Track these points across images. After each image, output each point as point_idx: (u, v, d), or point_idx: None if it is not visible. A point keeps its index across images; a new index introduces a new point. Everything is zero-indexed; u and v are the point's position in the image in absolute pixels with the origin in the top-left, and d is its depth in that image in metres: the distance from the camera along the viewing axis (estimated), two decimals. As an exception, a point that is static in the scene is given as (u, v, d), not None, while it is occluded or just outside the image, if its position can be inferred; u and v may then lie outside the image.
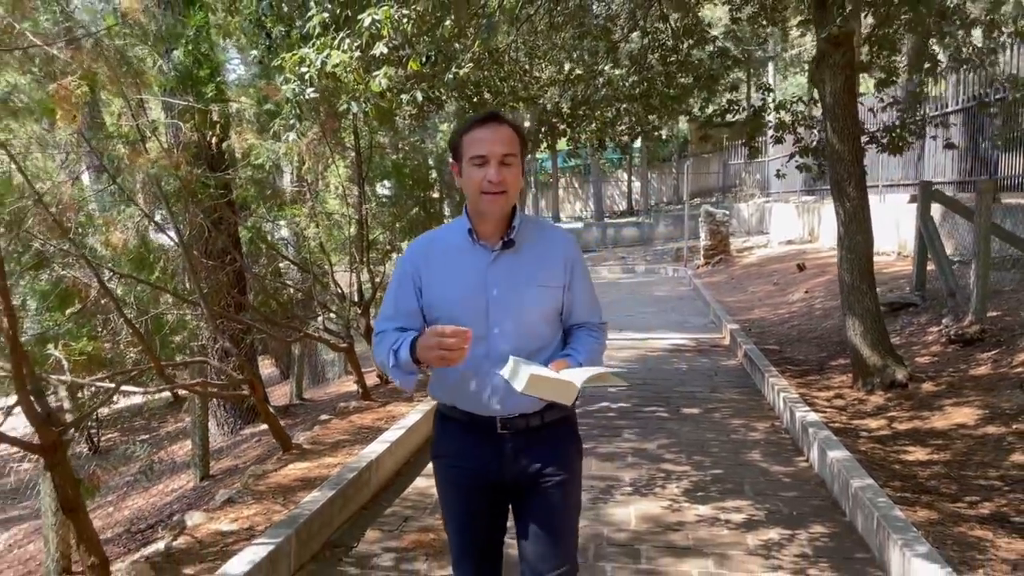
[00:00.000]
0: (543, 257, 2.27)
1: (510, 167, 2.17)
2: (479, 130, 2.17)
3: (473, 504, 2.32)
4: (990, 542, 3.69)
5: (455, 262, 2.25)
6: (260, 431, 7.99)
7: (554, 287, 2.26)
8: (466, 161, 2.17)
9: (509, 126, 2.20)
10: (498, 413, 2.24)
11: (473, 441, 2.29)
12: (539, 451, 2.28)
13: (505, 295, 2.21)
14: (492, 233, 2.25)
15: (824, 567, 3.78)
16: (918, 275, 8.97)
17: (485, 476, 2.29)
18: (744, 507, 4.54)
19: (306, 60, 4.35)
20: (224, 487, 5.47)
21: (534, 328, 2.24)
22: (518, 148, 2.20)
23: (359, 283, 7.38)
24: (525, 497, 2.31)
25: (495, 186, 2.13)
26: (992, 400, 5.71)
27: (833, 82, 6.42)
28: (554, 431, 2.32)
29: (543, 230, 2.34)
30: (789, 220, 19.63)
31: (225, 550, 3.79)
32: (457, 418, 2.30)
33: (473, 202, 2.20)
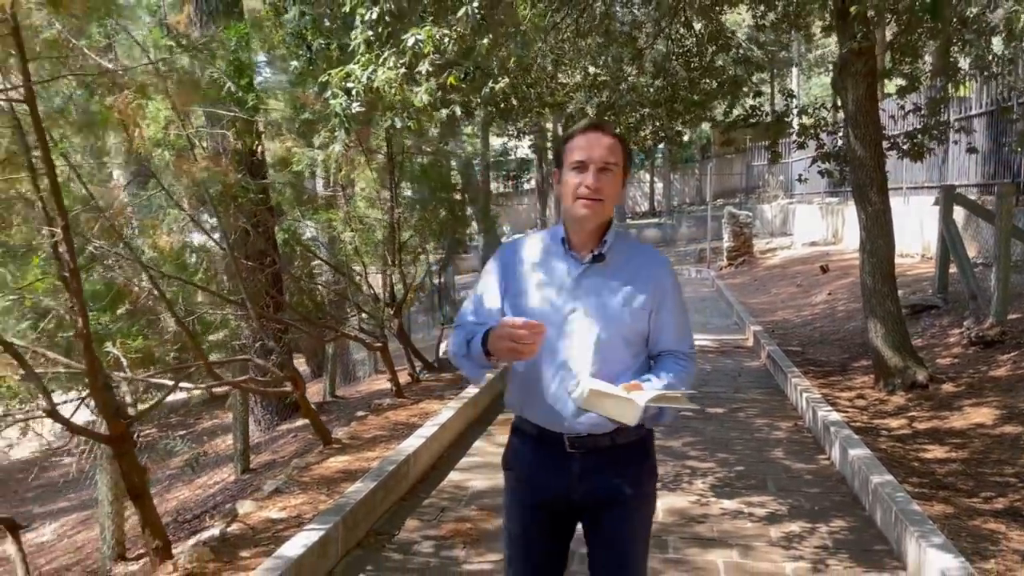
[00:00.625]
0: (633, 277, 2.18)
1: (609, 175, 2.10)
2: (581, 137, 2.14)
3: (535, 522, 2.24)
4: (1003, 535, 3.86)
5: (543, 268, 2.20)
6: (295, 427, 8.26)
7: (639, 309, 2.17)
8: (566, 166, 2.13)
9: (612, 136, 2.14)
10: (566, 431, 2.16)
11: (541, 457, 2.22)
12: (609, 473, 2.19)
13: (587, 310, 2.15)
14: (584, 244, 2.18)
15: (844, 558, 3.96)
16: (940, 278, 9.08)
17: (550, 494, 2.22)
18: (767, 502, 4.73)
19: (351, 75, 4.59)
20: (265, 480, 5.74)
21: (613, 347, 2.14)
22: (620, 158, 2.13)
23: (391, 285, 7.64)
24: (594, 520, 2.23)
25: (592, 192, 2.08)
26: (1011, 401, 5.86)
27: (855, 89, 6.58)
28: (626, 452, 2.22)
29: (637, 249, 2.28)
30: (813, 222, 19.68)
31: (276, 536, 4.04)
32: (528, 431, 2.24)
33: (568, 208, 2.15)
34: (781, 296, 13.53)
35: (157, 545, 3.78)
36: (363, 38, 4.64)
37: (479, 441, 6.08)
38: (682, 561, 3.96)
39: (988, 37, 6.96)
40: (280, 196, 7.55)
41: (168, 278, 5.61)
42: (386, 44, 4.62)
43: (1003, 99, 11.06)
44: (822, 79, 36.70)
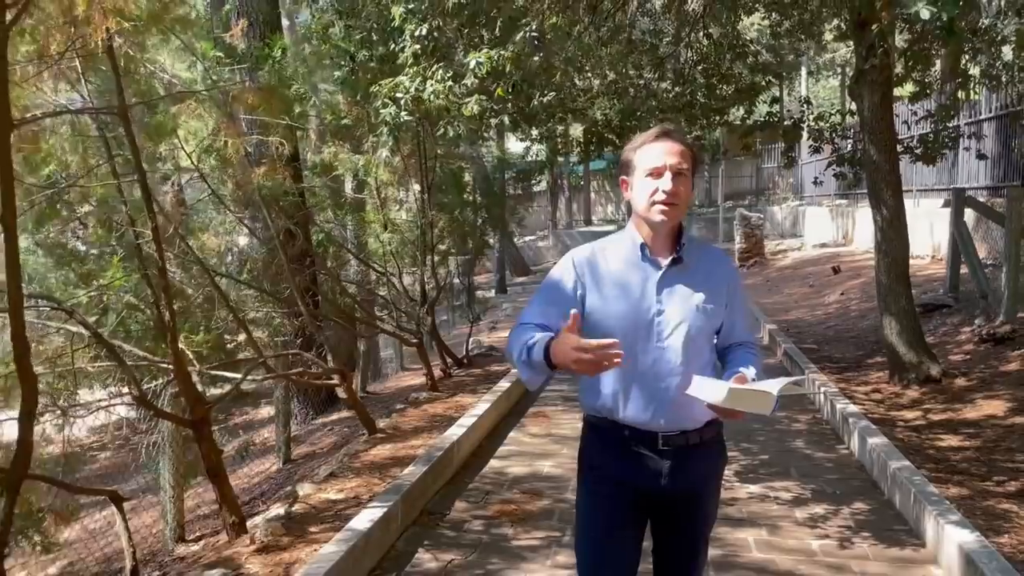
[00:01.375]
0: (708, 276, 2.28)
1: (683, 180, 2.18)
2: (654, 144, 2.20)
3: (622, 521, 2.30)
4: (1015, 513, 4.16)
5: (623, 274, 2.26)
6: (331, 421, 8.59)
7: (717, 306, 2.27)
8: (640, 174, 2.20)
9: (682, 143, 2.22)
10: (661, 429, 2.23)
11: (632, 456, 2.26)
12: (697, 469, 2.29)
13: (673, 311, 2.22)
14: (661, 249, 2.26)
15: (866, 536, 4.26)
16: (951, 278, 9.37)
17: (641, 492, 2.27)
18: (791, 487, 5.03)
19: (400, 86, 4.92)
20: (319, 466, 6.07)
21: (697, 347, 2.24)
22: (691, 163, 2.21)
23: (423, 285, 7.96)
24: (673, 513, 2.32)
25: (669, 196, 2.16)
26: (1021, 394, 6.15)
27: (871, 97, 6.87)
28: (710, 449, 2.32)
29: (707, 250, 2.38)
30: (823, 223, 19.94)
31: (338, 514, 4.36)
32: (614, 432, 2.28)
33: (644, 213, 2.22)
34: (794, 296, 13.81)
35: (234, 521, 4.11)
36: (411, 51, 4.97)
37: (513, 432, 6.39)
38: (715, 538, 4.24)
39: (998, 46, 7.24)
40: (318, 199, 7.88)
41: (223, 277, 5.93)
42: (432, 57, 4.95)
43: (1013, 104, 11.35)
44: (830, 82, 37.00)
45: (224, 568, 3.67)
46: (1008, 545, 3.75)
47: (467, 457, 5.66)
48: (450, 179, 8.24)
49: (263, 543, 3.91)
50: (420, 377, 9.62)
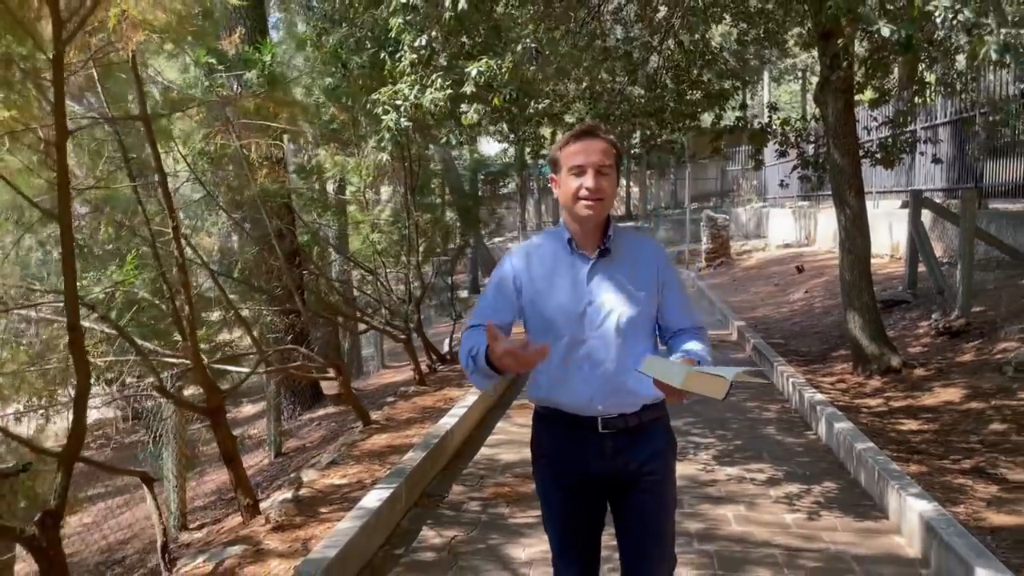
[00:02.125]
0: (636, 265, 2.37)
1: (606, 176, 2.27)
2: (577, 143, 2.28)
3: (575, 501, 2.40)
4: (970, 487, 4.55)
5: (554, 269, 2.35)
6: (317, 416, 8.82)
7: (647, 292, 2.36)
8: (565, 171, 2.29)
9: (605, 140, 2.30)
10: (599, 413, 2.33)
11: (575, 440, 2.37)
12: (638, 449, 2.36)
13: (603, 300, 2.31)
14: (588, 242, 2.36)
15: (835, 510, 4.62)
16: (910, 275, 9.86)
17: (587, 473, 2.37)
18: (765, 469, 5.39)
19: (400, 94, 5.19)
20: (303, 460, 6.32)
21: (632, 331, 2.32)
22: (614, 159, 2.30)
23: (409, 283, 8.23)
24: (625, 495, 2.40)
25: (593, 193, 2.24)
26: (975, 382, 6.59)
27: (835, 104, 7.28)
28: (651, 429, 2.40)
29: (635, 240, 2.46)
30: (786, 224, 20.52)
31: (345, 496, 4.62)
32: (559, 418, 2.38)
33: (570, 210, 2.32)
34: (760, 295, 14.28)
35: (248, 503, 4.35)
36: (409, 60, 5.24)
37: (501, 422, 6.69)
38: (697, 514, 4.60)
39: (952, 56, 7.69)
40: (304, 200, 8.10)
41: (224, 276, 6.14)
42: (429, 66, 5.23)
43: (966, 110, 11.91)
44: (792, 86, 37.83)
45: (245, 544, 3.92)
46: (963, 514, 4.13)
47: (459, 445, 5.94)
48: (432, 181, 8.50)
49: (278, 522, 4.16)
50: (402, 374, 9.89)
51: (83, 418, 2.92)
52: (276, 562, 3.72)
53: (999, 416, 5.79)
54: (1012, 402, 5.99)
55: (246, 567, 3.69)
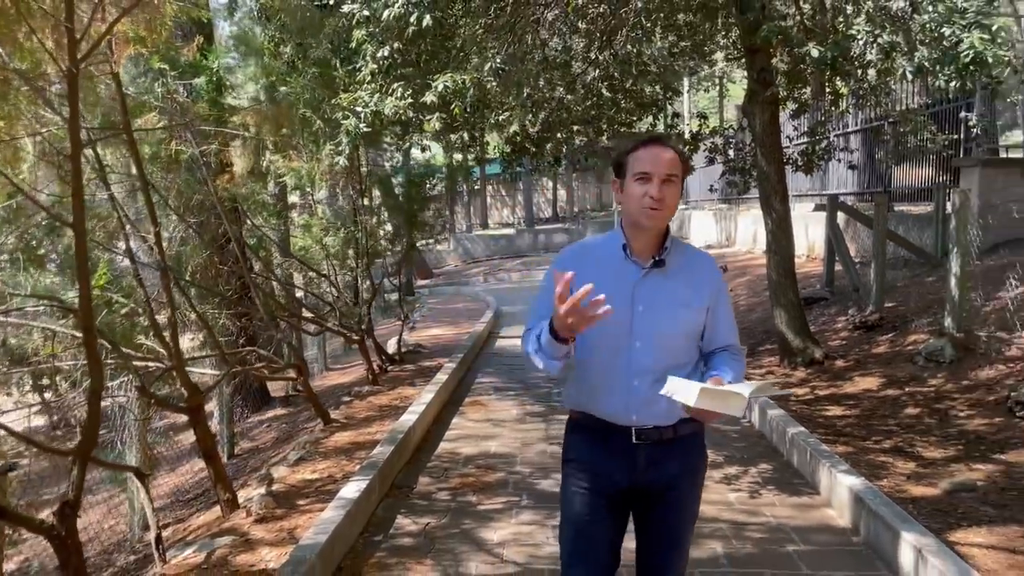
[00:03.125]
0: (690, 279, 2.35)
1: (671, 186, 2.24)
2: (645, 150, 2.26)
3: (599, 509, 2.37)
4: (891, 464, 5.06)
5: (606, 272, 2.30)
6: (267, 418, 8.91)
7: (697, 309, 2.34)
8: (630, 177, 2.26)
9: (673, 150, 2.29)
10: (635, 423, 2.31)
11: (608, 449, 2.36)
12: (671, 463, 2.36)
13: (650, 312, 2.29)
14: (644, 250, 2.33)
15: (772, 488, 5.07)
16: (828, 274, 10.55)
17: (617, 483, 2.36)
18: (710, 455, 5.81)
19: (360, 101, 5.43)
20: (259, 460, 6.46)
21: (674, 346, 2.32)
22: (680, 170, 2.26)
23: (358, 285, 8.41)
24: (651, 506, 2.39)
25: (656, 202, 2.21)
26: (890, 371, 7.20)
27: (762, 115, 7.82)
28: (685, 444, 2.39)
29: (691, 254, 2.44)
30: (708, 226, 21.36)
31: (319, 490, 4.83)
32: (594, 426, 2.37)
33: (632, 216, 2.29)
34: (687, 294, 14.89)
35: (228, 497, 4.52)
36: (369, 70, 5.48)
37: (456, 418, 6.97)
38: (650, 496, 4.98)
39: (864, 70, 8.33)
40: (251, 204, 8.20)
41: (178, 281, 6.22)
42: (390, 76, 5.48)
43: (875, 120, 12.75)
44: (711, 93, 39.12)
45: (232, 535, 4.10)
46: (887, 487, 4.62)
47: (420, 441, 6.20)
48: (380, 185, 8.71)
49: (260, 515, 4.36)
50: (347, 376, 10.05)
51: (97, 415, 3.08)
52: (266, 550, 3.92)
53: (912, 401, 6.38)
54: (923, 389, 6.60)
55: (238, 556, 3.88)
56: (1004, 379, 6.26)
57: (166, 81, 5.72)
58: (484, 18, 6.16)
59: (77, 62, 2.88)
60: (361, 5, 5.04)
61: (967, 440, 5.42)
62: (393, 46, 5.30)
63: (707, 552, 4.16)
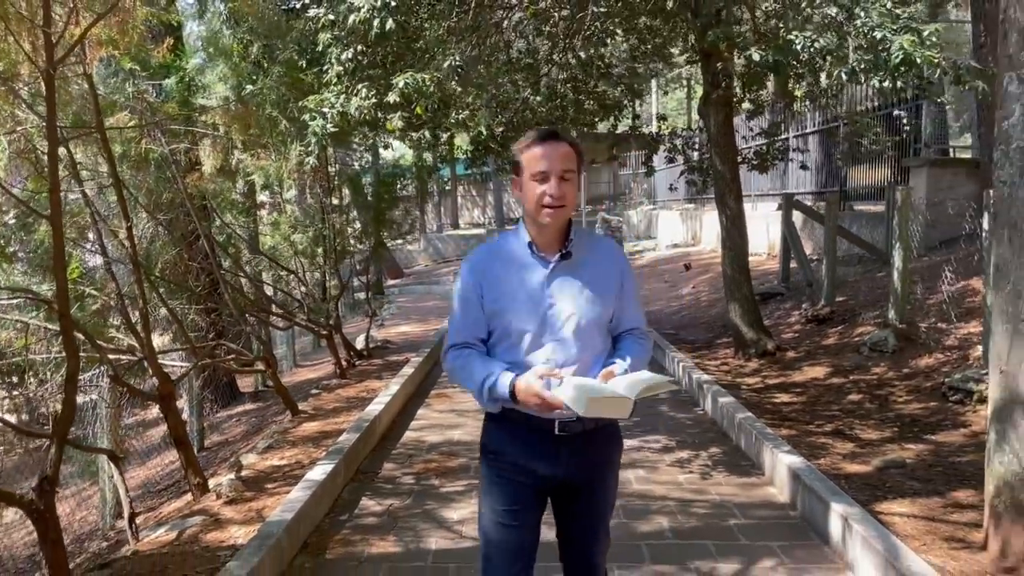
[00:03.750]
0: (597, 268, 2.37)
1: (569, 182, 2.24)
2: (540, 147, 2.23)
3: (521, 501, 2.38)
4: (831, 445, 5.37)
5: (515, 273, 2.33)
6: (235, 413, 9.06)
7: (607, 296, 2.35)
8: (527, 176, 2.25)
9: (567, 143, 2.27)
10: (557, 416, 2.28)
11: (531, 442, 2.34)
12: (593, 454, 2.38)
13: (563, 305, 2.30)
14: (550, 245, 2.34)
15: (721, 470, 5.35)
16: (783, 270, 10.92)
17: (539, 476, 2.36)
18: (661, 440, 6.10)
19: (326, 102, 5.63)
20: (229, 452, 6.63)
21: (589, 337, 2.32)
22: (576, 164, 2.27)
23: (325, 282, 8.61)
24: (574, 497, 2.41)
25: (556, 200, 2.22)
26: (837, 361, 7.54)
27: (716, 116, 8.14)
28: (605, 434, 2.41)
29: (596, 242, 2.46)
30: (674, 226, 21.74)
31: (287, 475, 5.03)
32: (516, 419, 2.33)
33: (532, 215, 2.29)
34: (653, 291, 15.24)
35: (198, 482, 4.71)
36: (335, 72, 5.69)
37: (421, 409, 7.19)
38: (604, 478, 5.24)
39: (817, 73, 8.67)
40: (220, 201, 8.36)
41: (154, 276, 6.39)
42: (355, 77, 5.69)
43: (831, 121, 13.16)
44: (678, 94, 39.67)
45: (203, 516, 4.30)
46: (824, 465, 4.92)
47: (385, 430, 6.41)
48: (350, 184, 8.91)
49: (229, 497, 4.55)
50: (316, 372, 10.22)
51: (73, 398, 3.26)
52: (235, 528, 4.12)
53: (856, 388, 6.72)
54: (866, 377, 6.94)
55: (208, 533, 4.08)
56: (941, 367, 6.62)
57: (136, 81, 5.89)
58: (447, 20, 6.39)
59: (54, 64, 3.06)
60: (326, 9, 5.25)
61: (903, 423, 5.75)
62: (357, 48, 5.51)
63: (654, 526, 4.43)
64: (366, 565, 3.95)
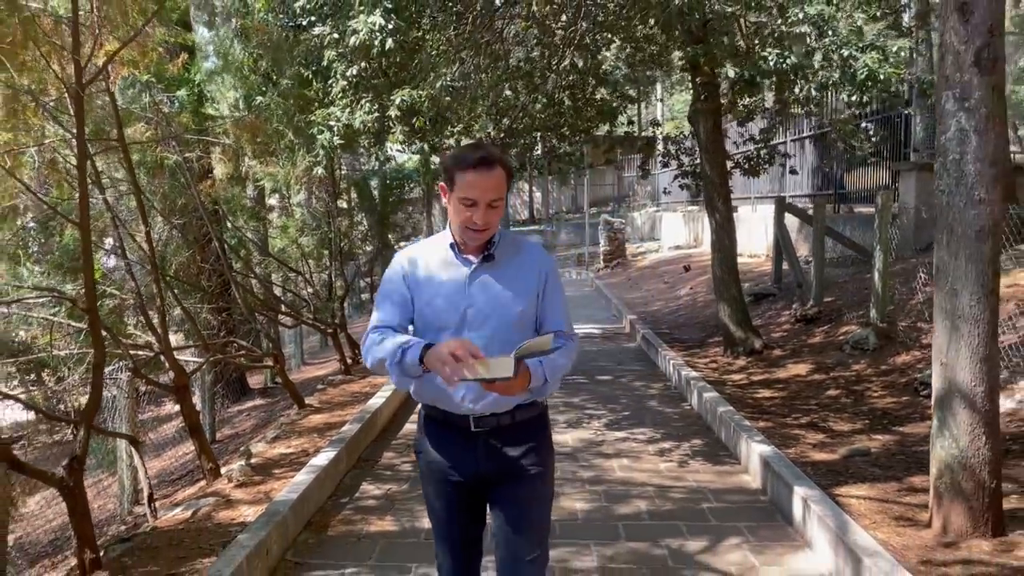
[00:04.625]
0: (519, 270, 2.43)
1: (495, 209, 2.31)
2: (472, 173, 2.27)
3: (451, 496, 2.47)
4: (803, 436, 5.71)
5: (438, 273, 2.40)
6: (245, 408, 9.45)
7: (526, 298, 2.41)
8: (456, 197, 2.31)
9: (500, 166, 2.31)
10: (471, 412, 2.38)
11: (450, 438, 2.43)
12: (511, 448, 2.43)
13: (482, 305, 2.37)
14: (473, 247, 2.41)
15: (700, 459, 5.69)
16: (776, 271, 11.24)
17: (462, 471, 2.43)
18: (646, 432, 6.44)
19: (332, 116, 6.00)
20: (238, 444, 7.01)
21: (507, 336, 2.33)
22: (504, 191, 2.33)
23: (332, 282, 8.99)
24: (499, 490, 2.45)
25: (480, 226, 2.31)
26: (820, 359, 7.87)
27: (705, 123, 8.48)
28: (525, 428, 2.45)
29: (520, 245, 2.51)
30: (677, 227, 22.05)
31: (293, 462, 5.40)
32: (436, 417, 2.45)
33: (458, 231, 2.37)
34: (652, 292, 15.58)
35: (211, 467, 5.08)
36: (340, 87, 6.07)
37: (421, 403, 7.55)
38: (591, 466, 5.59)
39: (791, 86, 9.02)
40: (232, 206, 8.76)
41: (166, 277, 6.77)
42: (358, 91, 6.06)
43: (826, 125, 13.46)
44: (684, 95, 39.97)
45: (215, 497, 4.67)
46: (794, 453, 5.25)
47: (387, 422, 6.78)
48: (356, 188, 9.30)
49: (240, 481, 4.92)
50: (323, 370, 10.61)
51: (100, 384, 3.63)
52: (245, 508, 4.49)
53: (835, 384, 7.05)
54: (846, 373, 7.27)
55: (220, 512, 4.45)
56: (917, 364, 6.94)
57: (152, 94, 6.26)
58: (447, 32, 6.75)
59: (84, 85, 3.43)
60: (331, 28, 5.62)
61: (874, 416, 6.08)
62: (361, 65, 5.88)
63: (632, 509, 4.77)
64: (365, 541, 4.31)
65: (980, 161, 3.60)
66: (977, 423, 3.72)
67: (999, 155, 3.62)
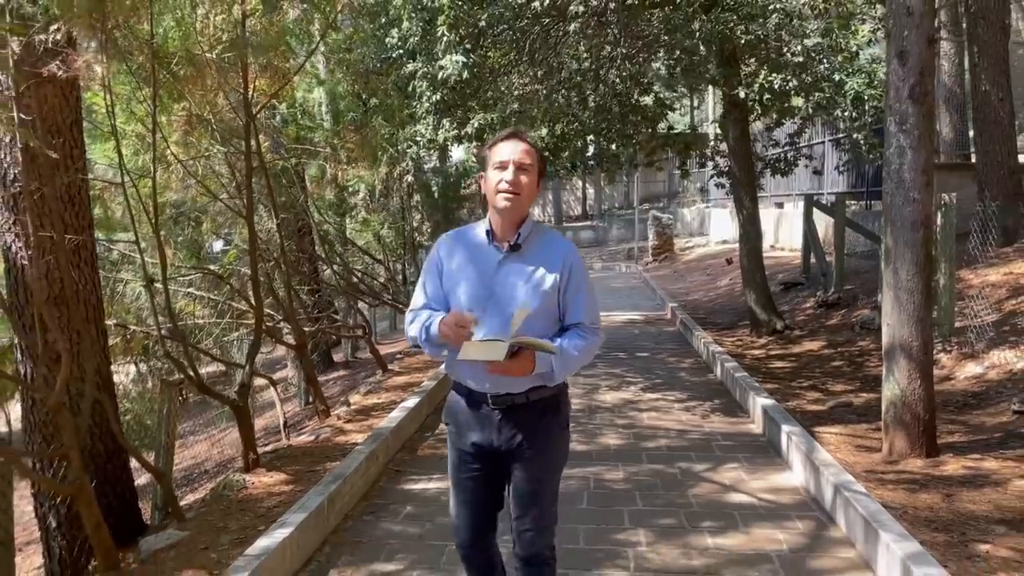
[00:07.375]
0: (544, 261, 2.55)
1: (526, 173, 2.47)
2: (503, 144, 2.50)
3: (470, 468, 2.66)
4: (802, 394, 6.87)
5: (470, 256, 2.57)
6: (331, 378, 10.91)
7: (548, 288, 2.53)
8: (490, 168, 2.51)
9: (527, 142, 2.51)
10: (489, 391, 2.55)
11: (471, 413, 2.62)
12: (523, 426, 2.58)
13: (505, 291, 2.51)
14: (505, 235, 2.56)
15: (718, 414, 6.88)
16: (804, 262, 12.29)
17: (479, 443, 2.61)
18: (676, 395, 7.66)
19: (418, 133, 7.35)
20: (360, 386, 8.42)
21: (530, 323, 2.43)
22: (534, 161, 2.50)
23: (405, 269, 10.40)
24: (511, 465, 2.64)
25: (511, 186, 2.44)
26: (833, 337, 8.97)
27: (734, 130, 9.62)
28: (538, 408, 2.60)
29: (549, 238, 2.63)
30: (725, 223, 23.01)
31: (385, 408, 6.77)
32: (461, 392, 2.65)
33: (492, 202, 2.51)
34: (695, 283, 16.69)
35: (323, 409, 6.50)
36: (424, 108, 7.42)
37: (484, 371, 8.90)
38: (626, 416, 6.84)
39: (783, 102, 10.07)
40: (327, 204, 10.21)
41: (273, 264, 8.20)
42: (440, 113, 7.40)
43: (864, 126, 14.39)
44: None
45: (331, 428, 6.07)
46: (791, 406, 6.42)
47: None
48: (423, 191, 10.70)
49: (348, 418, 6.32)
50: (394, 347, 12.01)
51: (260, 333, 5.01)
52: (355, 434, 5.88)
53: (840, 357, 8.17)
54: (852, 348, 8.38)
55: (336, 437, 5.84)
56: (912, 340, 8.01)
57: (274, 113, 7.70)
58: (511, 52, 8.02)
59: (253, 116, 4.81)
60: (422, 64, 6.96)
61: (866, 380, 7.20)
62: (443, 91, 7.22)
63: (655, 444, 6.02)
64: (444, 461, 5.64)
65: (914, 170, 4.76)
66: (914, 370, 4.88)
67: (929, 165, 4.76)
